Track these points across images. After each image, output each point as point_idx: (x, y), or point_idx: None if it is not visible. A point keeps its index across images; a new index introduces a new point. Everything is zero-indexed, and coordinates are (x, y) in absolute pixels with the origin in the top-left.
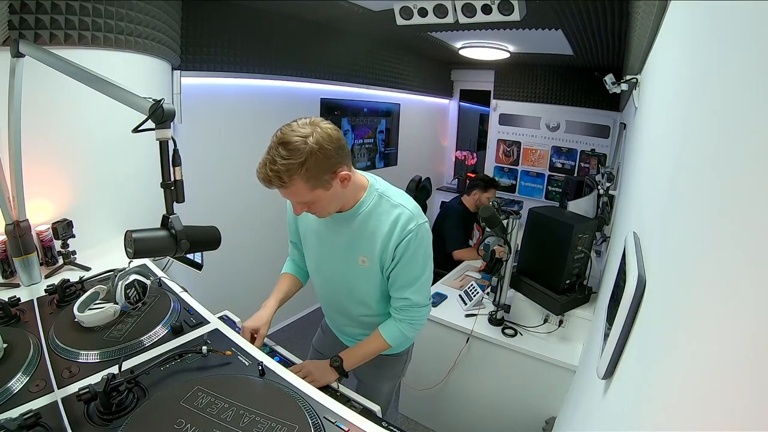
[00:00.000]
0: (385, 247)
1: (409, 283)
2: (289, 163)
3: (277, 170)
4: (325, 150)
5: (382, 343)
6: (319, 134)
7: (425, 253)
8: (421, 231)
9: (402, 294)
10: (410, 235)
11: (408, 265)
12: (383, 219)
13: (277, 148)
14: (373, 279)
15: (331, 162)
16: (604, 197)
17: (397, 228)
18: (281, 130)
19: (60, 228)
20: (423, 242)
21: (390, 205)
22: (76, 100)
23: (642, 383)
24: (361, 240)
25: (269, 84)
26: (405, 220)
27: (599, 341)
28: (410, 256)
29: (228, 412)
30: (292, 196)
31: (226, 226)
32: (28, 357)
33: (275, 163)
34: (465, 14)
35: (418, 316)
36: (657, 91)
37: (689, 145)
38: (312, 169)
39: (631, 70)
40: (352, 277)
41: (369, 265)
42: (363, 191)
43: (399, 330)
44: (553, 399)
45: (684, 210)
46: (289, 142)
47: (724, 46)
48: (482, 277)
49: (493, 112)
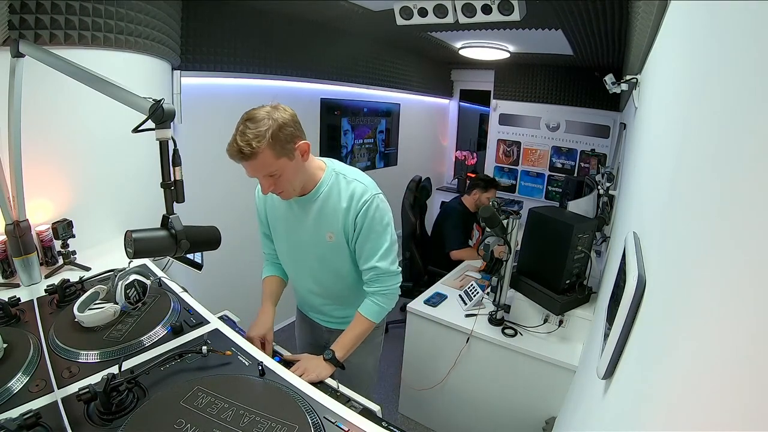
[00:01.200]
0: (345, 219)
1: (374, 252)
2: (257, 131)
3: (247, 140)
4: (286, 122)
5: (365, 321)
6: (279, 111)
7: (383, 222)
8: (376, 200)
9: (369, 263)
10: (366, 205)
11: (370, 234)
12: (342, 195)
13: (244, 123)
14: (342, 251)
15: (292, 132)
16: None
17: (353, 201)
18: (246, 112)
19: (60, 228)
20: (379, 211)
21: (346, 181)
22: (76, 100)
23: (642, 383)
24: (325, 217)
25: (269, 84)
26: (360, 192)
27: (599, 341)
28: (369, 225)
29: (228, 412)
30: (259, 168)
31: (226, 226)
32: (28, 357)
33: (244, 135)
34: (465, 14)
35: (390, 283)
36: (657, 91)
37: (689, 145)
38: (276, 138)
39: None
40: (322, 251)
41: (336, 239)
42: (321, 172)
43: (374, 303)
44: (553, 399)
45: (684, 210)
46: (254, 116)
47: (724, 46)
48: (482, 277)
49: (493, 112)
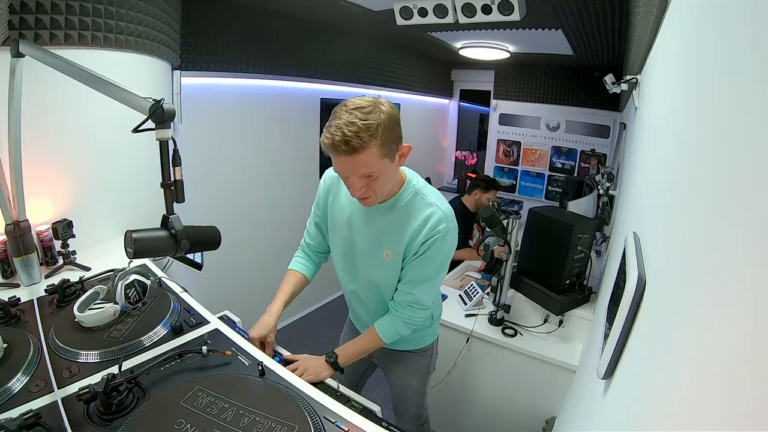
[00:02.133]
0: (411, 241)
1: (420, 281)
2: (369, 123)
3: (356, 130)
4: (396, 117)
5: (376, 338)
6: (386, 104)
7: (444, 258)
8: (449, 234)
9: (409, 289)
10: (438, 235)
11: (426, 262)
12: (415, 215)
13: (351, 112)
14: (393, 272)
15: (398, 131)
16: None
17: (427, 225)
18: (348, 100)
19: (60, 228)
20: (447, 245)
21: (425, 203)
22: (76, 100)
23: (642, 383)
24: (390, 234)
25: (269, 84)
26: (436, 219)
27: (599, 341)
28: (432, 255)
29: (228, 412)
30: (360, 166)
31: (226, 226)
32: (28, 357)
33: (353, 124)
34: (465, 14)
35: (416, 317)
36: (657, 91)
37: (689, 145)
38: (386, 133)
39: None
40: (374, 269)
41: (392, 259)
42: (400, 185)
43: (393, 328)
44: (553, 399)
45: (684, 210)
46: (362, 105)
47: (724, 46)
48: (482, 277)
49: (493, 112)
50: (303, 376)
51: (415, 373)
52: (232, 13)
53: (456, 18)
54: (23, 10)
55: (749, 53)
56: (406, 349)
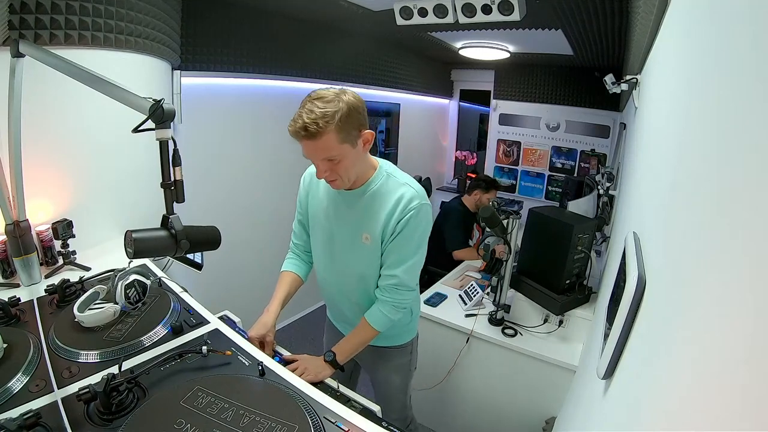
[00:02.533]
0: (387, 222)
1: (401, 261)
2: (326, 111)
3: (314, 118)
4: (356, 106)
5: (369, 329)
6: (349, 94)
7: (422, 235)
8: (422, 210)
9: (392, 271)
10: (412, 212)
11: (404, 242)
12: (388, 197)
13: (312, 101)
14: (373, 255)
15: (359, 118)
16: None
17: (401, 204)
18: (313, 92)
19: (60, 228)
20: (422, 222)
21: (397, 184)
22: (76, 100)
23: (642, 383)
24: (367, 217)
25: (269, 84)
26: (409, 197)
27: (599, 341)
28: (408, 234)
29: (228, 412)
30: (319, 150)
31: (226, 225)
32: (28, 357)
33: (312, 112)
34: (465, 14)
35: (402, 299)
36: (657, 91)
37: (689, 145)
38: (344, 121)
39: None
40: (355, 256)
41: (371, 243)
42: (373, 170)
43: (382, 313)
44: (553, 399)
45: (684, 210)
46: (324, 96)
47: (724, 46)
48: (482, 277)
49: (493, 112)
50: (303, 376)
51: (397, 369)
52: (232, 13)
53: (456, 18)
54: (23, 10)
55: (749, 53)
56: (386, 345)
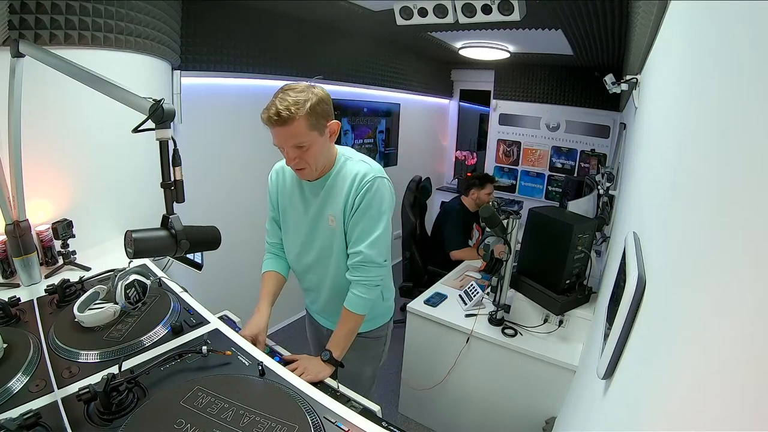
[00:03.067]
0: (347, 199)
1: (363, 236)
2: (297, 99)
3: (286, 105)
4: (324, 98)
5: (352, 316)
6: (317, 88)
7: (381, 209)
8: (377, 183)
9: (356, 248)
10: (367, 186)
11: (364, 216)
12: (346, 177)
13: (284, 92)
14: (340, 236)
15: (327, 109)
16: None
17: (356, 180)
18: (285, 84)
19: (60, 228)
20: (378, 195)
21: (353, 164)
22: (76, 100)
23: (642, 383)
24: (330, 200)
25: (269, 84)
26: (363, 172)
27: (599, 341)
28: (365, 207)
29: (228, 412)
30: (290, 136)
31: (226, 225)
32: (28, 357)
33: (285, 100)
34: (465, 14)
35: (372, 274)
36: (657, 91)
37: (689, 145)
38: (314, 110)
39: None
40: (323, 239)
41: (336, 223)
42: (334, 159)
43: (357, 295)
44: (553, 399)
45: (684, 210)
46: (295, 87)
47: (724, 46)
48: (482, 277)
49: (493, 112)
50: (302, 376)
51: (371, 361)
52: (232, 13)
53: (456, 18)
54: (23, 10)
55: (749, 53)
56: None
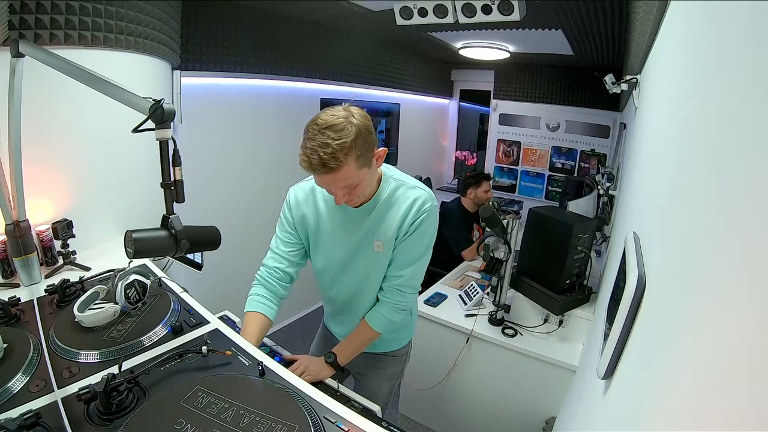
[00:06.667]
0: (400, 225)
1: (410, 262)
2: (343, 143)
3: (332, 152)
4: (367, 126)
5: (370, 331)
6: (357, 115)
7: (431, 236)
8: (434, 212)
9: (399, 271)
10: (426, 214)
11: (415, 242)
12: (400, 203)
13: (323, 132)
14: (382, 263)
15: (371, 138)
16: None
17: (415, 206)
18: (320, 118)
19: (60, 228)
20: (433, 223)
21: (406, 188)
22: (76, 101)
23: (642, 383)
24: (380, 227)
25: (269, 84)
26: (423, 200)
27: (599, 341)
28: (419, 234)
29: (228, 412)
30: (340, 181)
31: (226, 226)
32: (28, 357)
33: (328, 146)
34: (465, 14)
35: (404, 300)
36: (657, 91)
37: (689, 145)
38: (361, 147)
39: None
40: (366, 265)
41: (383, 249)
42: (379, 181)
43: (382, 315)
44: (553, 399)
45: (684, 210)
46: (334, 124)
47: (724, 46)
48: (482, 277)
49: (493, 112)
50: (303, 376)
51: (389, 378)
52: (232, 13)
53: (456, 18)
54: (23, 10)
55: (749, 53)
56: (382, 351)
